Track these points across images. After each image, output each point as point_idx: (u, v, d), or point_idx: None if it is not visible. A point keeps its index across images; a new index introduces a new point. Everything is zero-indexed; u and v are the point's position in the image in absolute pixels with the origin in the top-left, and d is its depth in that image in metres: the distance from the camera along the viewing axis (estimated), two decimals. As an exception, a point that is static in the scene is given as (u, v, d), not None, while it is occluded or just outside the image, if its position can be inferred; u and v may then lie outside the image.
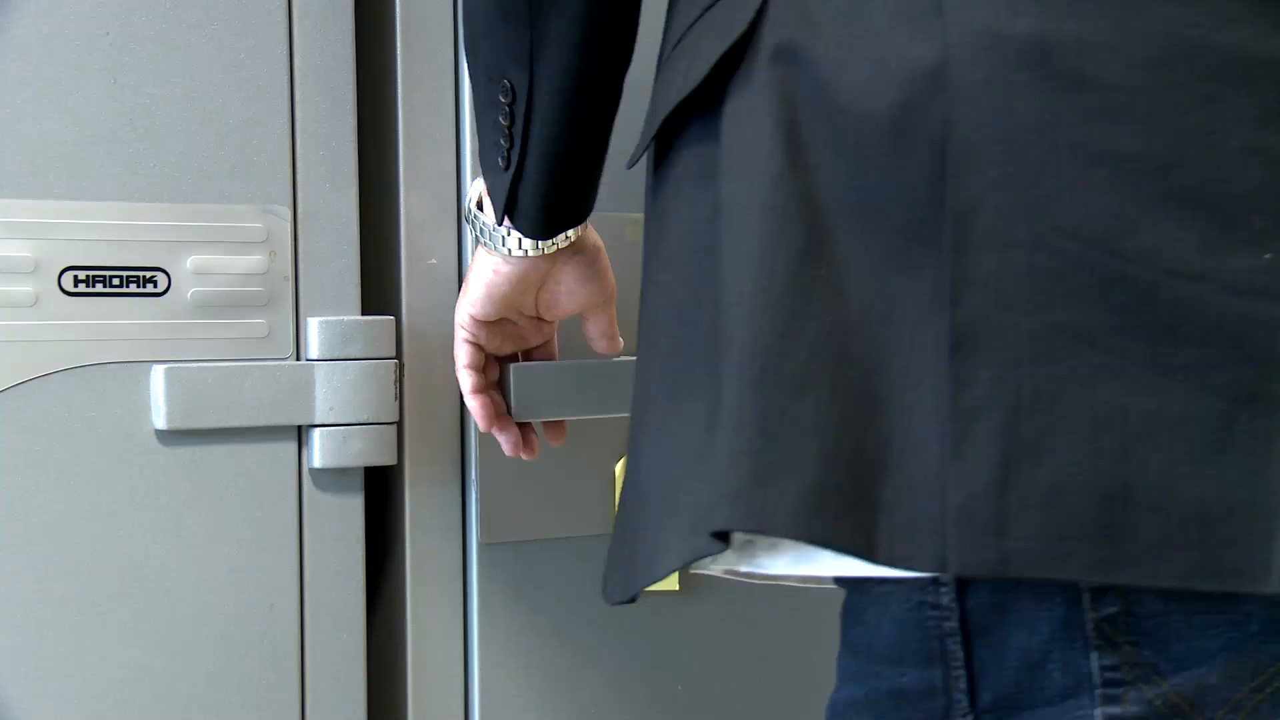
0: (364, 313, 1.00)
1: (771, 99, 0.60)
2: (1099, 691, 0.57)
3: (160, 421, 0.93)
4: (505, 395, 0.95)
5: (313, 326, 0.97)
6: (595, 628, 1.06)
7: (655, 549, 0.63)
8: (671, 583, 1.08)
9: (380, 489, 1.04)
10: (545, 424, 0.97)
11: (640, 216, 1.05)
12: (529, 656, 1.04)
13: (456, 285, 1.02)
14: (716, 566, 0.69)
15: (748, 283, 0.58)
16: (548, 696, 1.05)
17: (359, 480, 1.00)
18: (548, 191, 0.81)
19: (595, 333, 0.96)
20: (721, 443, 0.58)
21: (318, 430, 0.97)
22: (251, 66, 0.96)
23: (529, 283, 0.89)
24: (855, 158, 0.58)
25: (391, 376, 0.99)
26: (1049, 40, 0.56)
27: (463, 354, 0.93)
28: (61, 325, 0.91)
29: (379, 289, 1.03)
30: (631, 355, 0.96)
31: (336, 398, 0.97)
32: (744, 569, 0.64)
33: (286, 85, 0.97)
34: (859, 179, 0.58)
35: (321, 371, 0.97)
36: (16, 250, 0.90)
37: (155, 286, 0.93)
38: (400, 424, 1.00)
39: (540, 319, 0.94)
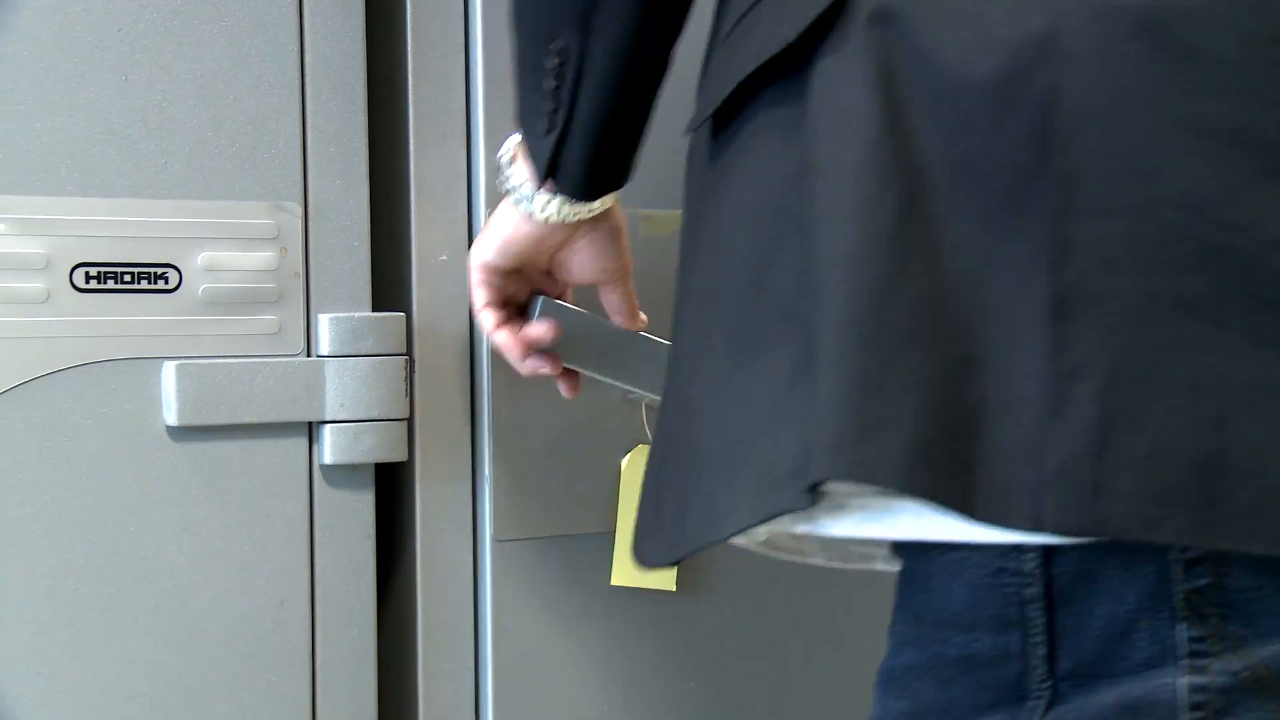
0: (374, 309, 1.00)
1: (868, 62, 0.60)
2: (1184, 662, 0.57)
3: (171, 418, 0.93)
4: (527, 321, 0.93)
5: (323, 323, 0.97)
6: (607, 625, 1.06)
7: (720, 508, 0.62)
8: (669, 583, 1.07)
9: (391, 485, 1.04)
10: (564, 372, 0.95)
11: (652, 213, 1.05)
12: (540, 653, 1.04)
13: (467, 282, 1.02)
14: (763, 530, 0.67)
15: (846, 240, 0.58)
16: (559, 693, 1.05)
17: (370, 476, 1.00)
18: (594, 154, 0.81)
19: (612, 308, 0.95)
20: (821, 396, 0.57)
21: (328, 426, 0.97)
22: (262, 63, 0.96)
23: (545, 246, 0.90)
24: (955, 122, 0.58)
25: (402, 373, 0.99)
26: (1160, 11, 0.56)
27: (480, 296, 0.93)
28: (73, 321, 0.91)
29: (390, 285, 1.03)
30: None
31: (347, 394, 0.97)
32: (801, 529, 0.63)
33: (297, 81, 0.97)
34: (959, 143, 0.58)
35: (332, 368, 0.97)
36: (28, 246, 0.90)
37: (166, 283, 0.93)
38: (411, 420, 1.00)
39: (552, 275, 0.95)
